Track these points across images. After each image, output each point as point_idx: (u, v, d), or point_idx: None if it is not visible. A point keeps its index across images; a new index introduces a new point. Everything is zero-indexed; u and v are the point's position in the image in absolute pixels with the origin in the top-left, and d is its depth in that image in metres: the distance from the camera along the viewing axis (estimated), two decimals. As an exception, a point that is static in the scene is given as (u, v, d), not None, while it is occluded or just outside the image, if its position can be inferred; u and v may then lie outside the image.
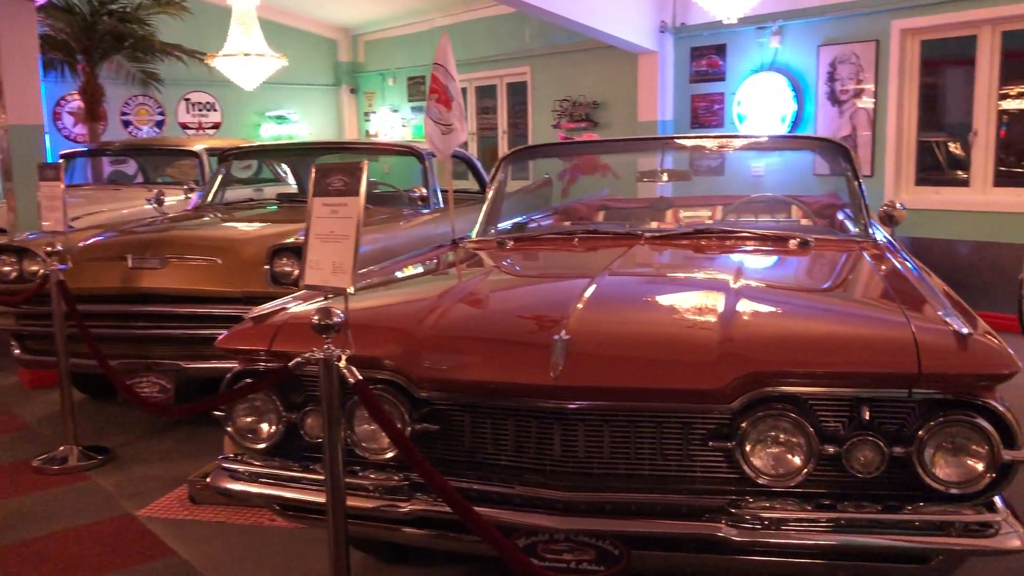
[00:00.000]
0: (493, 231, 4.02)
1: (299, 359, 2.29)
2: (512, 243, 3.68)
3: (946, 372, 2.05)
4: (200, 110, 12.14)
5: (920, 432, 2.07)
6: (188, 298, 4.46)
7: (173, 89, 11.42)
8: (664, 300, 2.61)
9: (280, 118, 12.96)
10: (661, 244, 3.48)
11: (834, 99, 7.90)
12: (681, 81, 9.05)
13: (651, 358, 2.20)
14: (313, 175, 2.33)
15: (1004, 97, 7.05)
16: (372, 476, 2.40)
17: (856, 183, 3.76)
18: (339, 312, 2.22)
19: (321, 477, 2.36)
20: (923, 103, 7.58)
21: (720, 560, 2.21)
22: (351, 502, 2.34)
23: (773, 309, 2.49)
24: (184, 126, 12.00)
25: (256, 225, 5.23)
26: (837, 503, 2.14)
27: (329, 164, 2.31)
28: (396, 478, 2.37)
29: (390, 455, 2.39)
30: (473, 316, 2.56)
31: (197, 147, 8.49)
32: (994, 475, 2.05)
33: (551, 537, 2.21)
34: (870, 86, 7.66)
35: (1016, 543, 2.04)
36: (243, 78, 9.97)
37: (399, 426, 2.32)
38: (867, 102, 7.70)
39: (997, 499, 2.12)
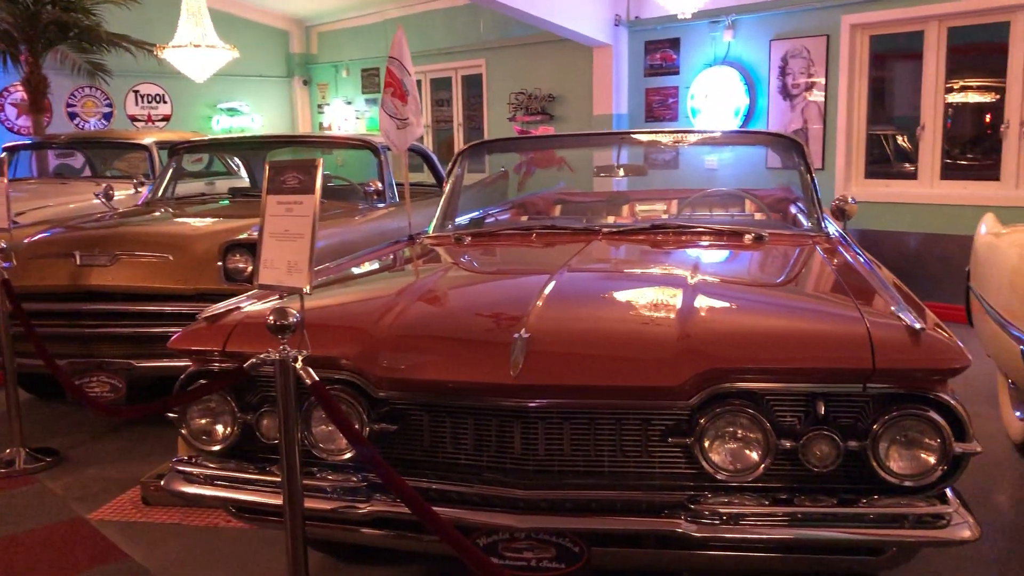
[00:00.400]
0: (451, 226, 4.00)
1: (254, 360, 2.25)
2: (470, 239, 3.67)
3: (900, 367, 2.08)
4: (149, 102, 11.90)
5: (875, 426, 2.10)
6: (139, 296, 4.37)
7: (121, 81, 11.17)
8: (623, 297, 2.62)
9: (232, 110, 12.77)
10: (619, 240, 3.49)
11: (786, 93, 7.99)
12: (636, 75, 9.09)
13: (610, 356, 2.20)
14: (267, 172, 2.30)
15: (950, 91, 7.20)
16: (330, 477, 2.38)
17: (809, 177, 3.80)
18: (295, 312, 2.19)
19: (278, 479, 2.34)
20: (872, 97, 7.71)
21: (680, 555, 2.22)
22: (309, 504, 2.31)
23: (730, 305, 2.50)
24: (133, 118, 11.75)
25: (208, 220, 5.14)
26: (794, 497, 2.16)
27: (283, 161, 2.27)
28: (354, 479, 2.35)
29: (348, 456, 2.36)
30: (431, 314, 2.54)
31: (147, 140, 8.35)
32: (946, 467, 2.09)
33: (511, 536, 2.21)
34: (821, 79, 7.77)
35: (967, 534, 2.08)
36: (193, 70, 9.79)
37: (357, 427, 2.30)
38: (818, 96, 7.80)
39: (948, 491, 2.16)
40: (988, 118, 7.14)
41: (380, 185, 5.60)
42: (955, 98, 7.24)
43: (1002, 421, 4.35)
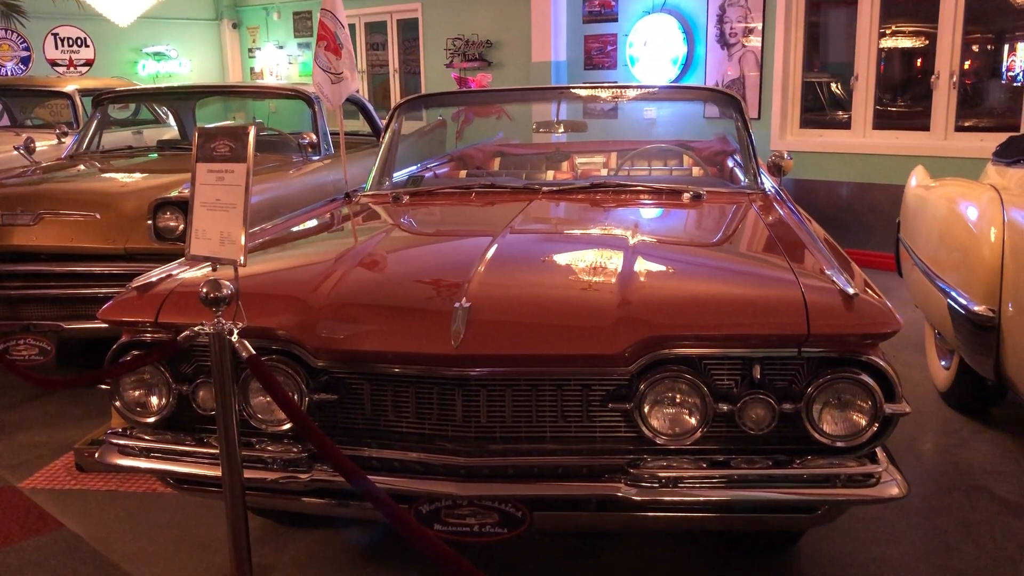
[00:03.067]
0: (388, 184, 3.95)
1: (188, 333, 2.20)
2: (408, 198, 3.61)
3: (833, 333, 2.12)
4: (70, 46, 11.38)
5: (809, 389, 2.14)
6: (66, 256, 4.23)
7: (38, 23, 10.67)
8: (563, 261, 2.60)
9: (159, 55, 12.31)
10: (559, 199, 3.47)
11: (723, 42, 7.99)
12: (574, 21, 8.98)
13: (551, 325, 2.19)
14: (196, 139, 2.22)
15: (884, 35, 7.26)
16: (270, 448, 2.35)
17: (746, 134, 3.82)
18: (228, 284, 2.14)
19: (216, 450, 2.30)
20: (808, 44, 7.74)
21: (620, 518, 2.27)
22: (249, 474, 2.29)
23: (668, 270, 2.51)
24: (53, 63, 11.24)
25: (137, 176, 4.98)
26: (731, 459, 2.21)
27: (213, 127, 2.19)
28: (295, 450, 2.33)
29: (287, 427, 2.34)
30: (370, 282, 2.49)
31: (69, 87, 8.05)
32: (876, 428, 2.15)
33: (454, 503, 2.21)
34: (758, 26, 7.77)
35: (895, 491, 2.15)
36: (116, 12, 9.39)
37: (295, 397, 2.28)
38: (755, 44, 7.81)
39: (879, 450, 2.23)
40: (920, 62, 7.23)
41: (314, 137, 5.48)
42: (888, 43, 7.32)
43: (929, 370, 4.50)
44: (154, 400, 2.44)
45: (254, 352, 2.13)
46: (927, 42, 7.07)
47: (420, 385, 2.26)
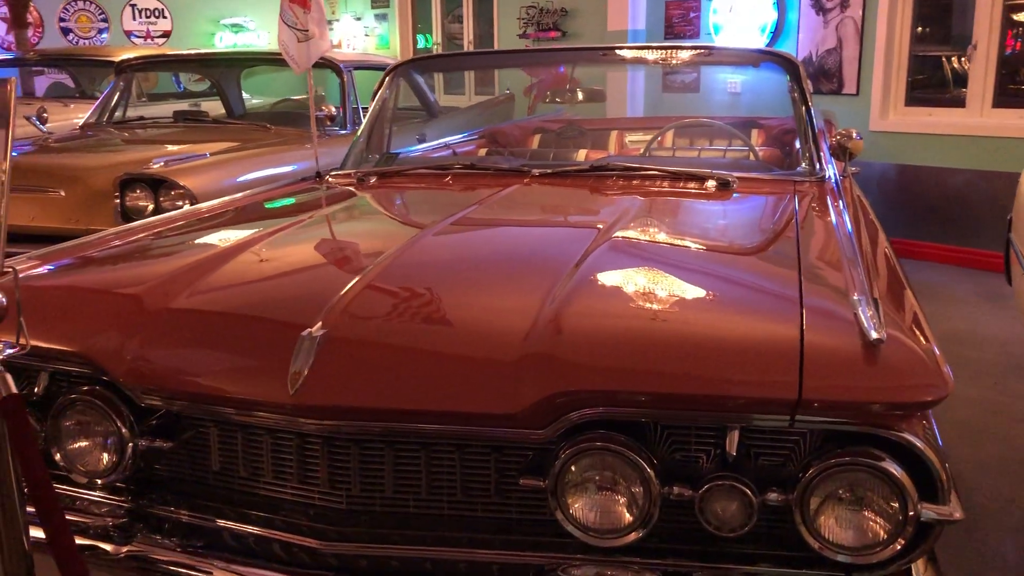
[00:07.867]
0: (371, 158, 3.39)
1: (-47, 357, 1.66)
2: (375, 179, 3.01)
3: (838, 398, 1.41)
4: (148, 17, 11.26)
5: (803, 475, 1.45)
6: (26, 236, 3.82)
7: (116, -7, 10.58)
8: (486, 271, 1.93)
9: (236, 27, 12.05)
10: (549, 184, 2.80)
11: (819, 7, 7.04)
12: (655, -14, 8.17)
13: (426, 363, 1.55)
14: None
15: (1014, 9, 6.20)
16: (94, 510, 1.80)
17: (803, 107, 3.07)
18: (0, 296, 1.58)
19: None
20: (919, 11, 6.72)
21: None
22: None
23: (625, 289, 1.76)
24: (130, 34, 11.14)
25: (116, 150, 4.55)
26: (690, 571, 1.53)
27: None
28: (121, 511, 1.77)
29: (114, 477, 1.77)
30: (219, 295, 1.84)
31: (123, 57, 7.76)
32: (905, 541, 1.43)
33: (314, 605, 1.62)
34: (861, -9, 6.82)
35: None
36: (181, -20, 9.11)
37: (118, 442, 1.73)
38: (855, 11, 6.85)
39: (923, 564, 1.50)
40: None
41: (332, 109, 4.96)
42: (1020, 16, 6.25)
43: (1037, 404, 3.63)
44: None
45: (15, 391, 1.56)
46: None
47: (277, 435, 1.66)
